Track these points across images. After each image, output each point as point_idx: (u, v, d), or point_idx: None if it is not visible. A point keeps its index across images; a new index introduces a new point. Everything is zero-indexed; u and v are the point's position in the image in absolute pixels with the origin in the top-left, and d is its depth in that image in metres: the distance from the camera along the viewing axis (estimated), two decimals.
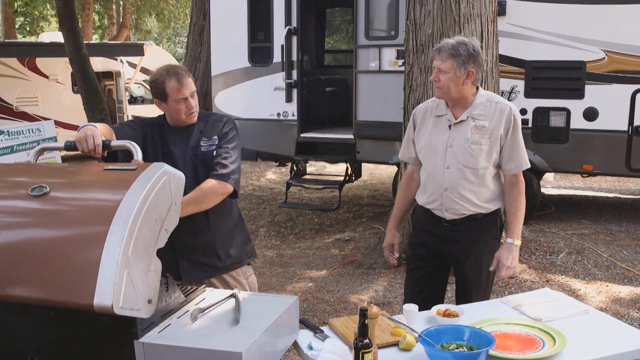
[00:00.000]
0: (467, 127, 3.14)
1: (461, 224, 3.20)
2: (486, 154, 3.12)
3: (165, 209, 2.11)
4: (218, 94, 8.76)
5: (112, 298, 1.80)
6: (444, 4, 5.50)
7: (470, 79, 3.10)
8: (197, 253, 3.06)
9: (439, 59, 3.07)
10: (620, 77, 6.89)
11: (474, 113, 3.14)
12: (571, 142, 7.16)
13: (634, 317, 4.78)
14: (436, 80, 3.10)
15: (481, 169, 3.13)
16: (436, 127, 3.22)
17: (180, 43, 36.25)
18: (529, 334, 2.53)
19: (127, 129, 3.00)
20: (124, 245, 1.87)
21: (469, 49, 3.05)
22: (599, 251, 6.25)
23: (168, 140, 3.05)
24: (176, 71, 2.95)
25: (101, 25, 26.15)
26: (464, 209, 3.17)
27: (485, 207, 3.20)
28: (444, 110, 3.21)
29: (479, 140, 3.11)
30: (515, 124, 3.13)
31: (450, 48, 3.04)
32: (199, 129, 3.08)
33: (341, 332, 2.59)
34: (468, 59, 3.04)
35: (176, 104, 2.95)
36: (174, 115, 3.01)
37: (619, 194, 9.82)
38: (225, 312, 2.24)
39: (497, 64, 5.91)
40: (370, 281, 5.76)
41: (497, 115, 3.13)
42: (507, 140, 3.13)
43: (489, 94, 3.25)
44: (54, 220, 2.03)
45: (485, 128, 3.12)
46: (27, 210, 2.05)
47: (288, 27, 8.02)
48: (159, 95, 2.97)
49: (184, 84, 2.94)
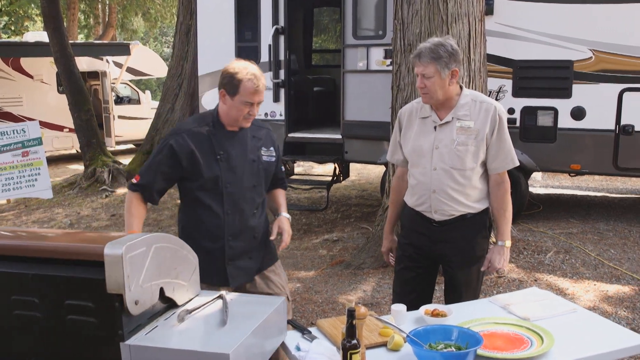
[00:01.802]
0: (452, 128, 3.12)
1: (451, 224, 3.19)
2: (473, 155, 3.11)
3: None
4: (205, 93, 8.72)
5: (123, 249, 1.88)
6: (431, 3, 5.49)
7: (455, 78, 3.08)
8: (244, 258, 3.10)
9: (420, 65, 3.04)
10: (608, 77, 6.92)
11: (458, 114, 3.12)
12: (559, 141, 7.18)
13: (622, 316, 4.79)
14: (422, 87, 3.07)
15: (468, 169, 3.12)
16: (422, 129, 3.20)
17: (167, 42, 36.13)
18: (517, 334, 2.52)
19: (159, 185, 3.02)
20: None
21: (447, 48, 3.02)
22: (586, 250, 6.26)
23: (223, 143, 3.01)
24: (257, 75, 2.95)
25: (87, 24, 26.02)
26: (452, 209, 3.16)
27: (474, 207, 3.19)
28: (428, 112, 3.19)
29: (465, 141, 3.09)
30: (501, 123, 3.12)
31: (429, 52, 3.00)
32: (252, 134, 3.11)
33: (329, 333, 2.57)
34: (450, 59, 3.02)
35: (242, 104, 2.93)
36: (233, 113, 2.97)
37: (606, 193, 9.86)
38: (212, 314, 2.22)
39: (485, 64, 5.90)
40: (358, 281, 5.74)
41: (482, 115, 3.11)
42: (493, 139, 3.11)
43: (473, 93, 3.23)
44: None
45: (471, 128, 3.10)
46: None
47: (275, 27, 7.99)
48: (230, 89, 2.93)
49: (258, 90, 2.95)
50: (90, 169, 11.05)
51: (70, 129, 13.35)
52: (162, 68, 16.68)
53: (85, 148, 11.45)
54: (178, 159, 2.94)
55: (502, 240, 3.20)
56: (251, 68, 2.96)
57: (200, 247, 2.98)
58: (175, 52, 11.54)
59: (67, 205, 9.74)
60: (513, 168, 3.21)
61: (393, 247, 3.48)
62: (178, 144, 2.94)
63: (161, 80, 21.16)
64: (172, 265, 2.17)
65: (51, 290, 2.00)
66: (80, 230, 8.23)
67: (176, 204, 9.38)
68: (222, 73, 2.98)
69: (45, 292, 2.01)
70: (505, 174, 3.20)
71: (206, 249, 2.98)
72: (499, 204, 3.20)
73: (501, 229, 3.20)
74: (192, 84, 10.81)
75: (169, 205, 9.32)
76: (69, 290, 1.98)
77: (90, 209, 9.41)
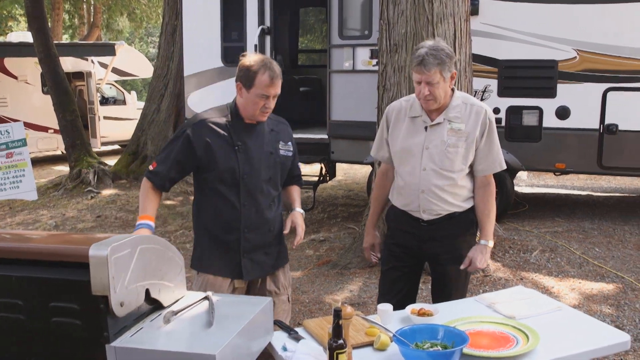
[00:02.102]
0: (443, 129, 3.12)
1: (439, 222, 3.20)
2: (462, 157, 3.12)
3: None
4: (191, 94, 8.69)
5: (108, 251, 1.87)
6: (417, 3, 5.50)
7: (453, 80, 3.10)
8: (259, 252, 3.11)
9: (426, 73, 2.99)
10: (592, 76, 6.97)
11: (450, 115, 3.12)
12: (544, 140, 7.22)
13: (606, 314, 4.82)
14: (427, 94, 3.03)
15: (457, 171, 3.13)
16: (412, 129, 3.20)
17: (153, 43, 35.97)
18: (503, 332, 2.54)
19: (173, 174, 3.03)
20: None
21: (447, 52, 3.02)
22: (571, 249, 6.30)
23: (241, 135, 3.02)
24: (272, 68, 2.92)
25: (71, 24, 25.83)
26: (441, 209, 3.17)
27: (461, 206, 3.21)
28: (419, 112, 3.18)
29: (455, 143, 3.10)
30: (491, 127, 3.14)
31: (433, 58, 2.97)
32: (270, 127, 3.13)
33: (315, 333, 2.57)
34: (450, 62, 3.03)
35: (257, 97, 2.93)
36: (249, 106, 2.98)
37: (591, 191, 9.93)
38: (198, 315, 2.22)
39: (470, 63, 5.93)
40: (345, 281, 5.75)
41: (473, 118, 3.12)
42: (482, 142, 3.13)
43: (464, 95, 3.24)
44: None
45: (462, 131, 3.11)
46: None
47: (261, 27, 7.98)
48: (245, 82, 2.94)
49: (274, 83, 2.93)
50: (75, 170, 10.97)
51: (55, 130, 13.25)
52: (148, 68, 16.60)
53: (70, 149, 11.36)
54: (193, 148, 2.94)
55: (486, 240, 3.20)
56: (267, 61, 2.94)
57: (216, 239, 3.04)
58: (160, 52, 11.49)
59: (52, 207, 9.68)
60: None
61: (375, 244, 3.49)
62: (194, 133, 2.96)
63: (147, 80, 21.07)
64: (158, 266, 2.16)
65: (36, 293, 1.99)
66: (65, 232, 8.17)
67: (163, 204, 9.35)
68: (238, 66, 2.97)
69: (30, 295, 2.00)
70: (492, 176, 3.22)
71: (222, 241, 3.04)
72: (484, 205, 3.21)
73: (485, 229, 3.22)
74: (177, 84, 10.76)
75: None
76: (53, 292, 1.97)
77: (75, 210, 9.35)
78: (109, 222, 8.65)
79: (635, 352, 4.15)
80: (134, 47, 26.15)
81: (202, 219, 3.10)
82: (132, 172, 11.16)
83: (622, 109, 6.95)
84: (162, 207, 9.27)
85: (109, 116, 15.96)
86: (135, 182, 10.84)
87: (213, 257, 3.06)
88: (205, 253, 3.09)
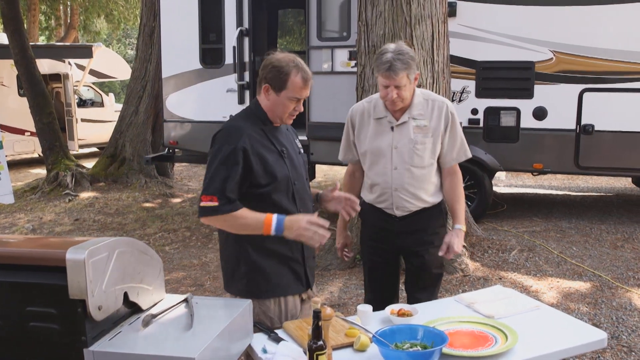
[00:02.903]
0: (409, 127, 3.21)
1: (412, 217, 3.28)
2: (430, 152, 3.22)
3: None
4: (169, 96, 8.65)
5: (85, 254, 1.85)
6: (395, 5, 5.52)
7: (416, 81, 3.19)
8: (311, 258, 2.93)
9: (394, 78, 3.05)
10: (568, 77, 7.04)
11: (414, 113, 3.21)
12: (521, 141, 7.28)
13: (584, 312, 4.87)
14: (395, 98, 3.09)
15: (427, 166, 3.23)
16: (378, 130, 3.27)
17: (131, 44, 35.75)
18: (482, 331, 2.55)
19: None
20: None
21: (410, 54, 3.11)
22: (549, 248, 6.36)
23: (279, 139, 2.80)
24: (304, 69, 2.70)
25: (48, 26, 25.54)
26: (413, 205, 3.26)
27: (431, 201, 3.30)
28: (383, 112, 3.26)
29: (422, 140, 3.20)
30: (453, 119, 3.26)
31: (400, 62, 3.03)
32: (285, 127, 2.93)
33: (295, 335, 2.57)
34: (414, 64, 3.12)
35: (288, 100, 2.70)
36: (278, 109, 2.73)
37: (568, 191, 10.04)
38: (178, 317, 2.20)
39: (449, 65, 5.96)
40: (325, 282, 5.75)
41: (436, 113, 3.23)
42: (447, 135, 3.25)
43: (423, 91, 3.33)
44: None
45: (427, 127, 3.21)
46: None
47: (240, 29, 7.97)
48: (275, 84, 2.68)
49: (308, 85, 2.71)
50: (52, 173, 10.86)
51: (32, 133, 13.13)
52: (126, 70, 16.48)
53: (47, 152, 11.25)
54: (250, 162, 2.63)
55: (460, 224, 3.30)
56: (298, 61, 2.71)
57: (283, 257, 2.77)
58: (138, 54, 11.41)
59: (29, 210, 9.57)
60: (477, 168, 3.29)
61: (348, 243, 3.54)
62: (248, 145, 2.65)
63: (125, 82, 20.92)
64: (136, 269, 2.15)
65: (12, 297, 1.97)
66: (42, 235, 8.09)
67: (142, 207, 9.29)
68: (265, 66, 2.72)
69: (6, 299, 1.98)
70: (457, 165, 3.35)
71: (288, 257, 2.79)
72: (454, 192, 3.33)
73: (457, 213, 3.33)
74: (156, 86, 10.69)
75: (133, 209, 9.22)
76: (30, 296, 1.95)
77: (53, 213, 9.25)
78: (87, 225, 8.57)
79: (612, 350, 4.20)
80: (111, 49, 25.97)
81: (255, 239, 2.70)
82: (111, 175, 11.09)
83: (598, 109, 7.04)
84: (141, 210, 9.21)
85: (87, 118, 15.81)
86: (114, 185, 10.77)
87: (282, 276, 2.79)
88: (272, 277, 2.76)
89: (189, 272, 6.39)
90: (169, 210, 9.20)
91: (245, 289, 2.75)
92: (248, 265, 2.75)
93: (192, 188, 11.22)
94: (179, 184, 11.54)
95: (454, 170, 3.34)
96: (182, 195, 10.36)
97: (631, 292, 5.26)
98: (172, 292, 2.70)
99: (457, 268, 5.73)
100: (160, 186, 10.78)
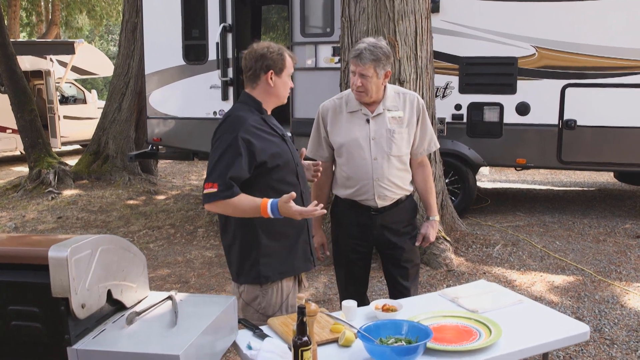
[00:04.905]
0: (385, 118, 3.29)
1: (388, 210, 3.34)
2: (406, 141, 3.32)
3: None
4: (152, 92, 8.60)
5: (68, 252, 1.84)
6: (378, 1, 5.53)
7: (387, 78, 3.26)
8: (310, 237, 3.06)
9: (360, 65, 3.16)
10: (550, 73, 7.09)
11: (387, 104, 3.30)
12: (505, 136, 7.32)
13: (567, 305, 4.91)
14: (359, 85, 3.19)
15: (404, 155, 3.32)
16: (353, 123, 3.32)
17: (113, 41, 35.48)
18: (466, 326, 2.57)
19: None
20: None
21: (384, 50, 3.18)
22: (533, 242, 6.41)
23: (277, 125, 2.95)
24: (284, 47, 2.95)
25: (29, 22, 25.33)
26: (393, 194, 3.32)
27: (407, 190, 3.40)
28: (356, 106, 3.31)
29: (399, 129, 3.29)
30: (423, 111, 3.37)
31: (369, 54, 3.14)
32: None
33: (280, 331, 2.57)
34: (386, 61, 3.19)
35: (288, 79, 2.91)
36: (283, 90, 2.91)
37: (551, 186, 10.11)
38: (162, 315, 2.20)
39: (432, 60, 5.98)
40: (310, 278, 5.75)
41: (408, 105, 3.33)
42: (419, 127, 3.35)
43: (394, 87, 3.41)
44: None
45: (402, 117, 3.30)
46: None
47: (223, 25, 7.94)
48: (276, 67, 2.85)
49: (295, 62, 2.98)
50: (35, 170, 10.77)
51: (14, 130, 12.99)
52: (108, 67, 16.36)
53: (29, 149, 11.15)
54: (253, 148, 2.72)
55: (433, 215, 3.48)
56: (275, 44, 2.97)
57: (288, 237, 2.89)
58: (121, 50, 11.33)
59: (11, 209, 9.48)
60: (460, 164, 3.34)
61: (324, 242, 3.54)
62: (250, 133, 2.74)
63: (107, 79, 20.80)
64: (120, 267, 2.14)
65: None
66: (25, 233, 8.02)
67: (126, 204, 9.24)
68: (257, 58, 2.86)
69: None
70: (427, 158, 3.49)
71: (293, 236, 2.90)
72: (426, 183, 3.46)
73: (431, 205, 3.48)
74: (139, 82, 10.63)
75: (117, 207, 9.17)
76: (12, 295, 1.94)
77: (35, 211, 9.18)
78: (70, 222, 8.51)
79: (595, 343, 4.24)
80: (93, 45, 25.79)
81: (265, 223, 2.78)
82: (94, 172, 11.02)
83: (581, 104, 7.09)
84: (125, 207, 9.16)
85: (69, 115, 15.69)
86: (97, 182, 10.70)
87: (293, 258, 2.90)
88: (285, 257, 2.87)
89: (173, 269, 6.37)
90: (152, 207, 9.15)
91: (260, 274, 2.83)
92: (259, 250, 2.82)
93: (176, 185, 11.18)
94: (162, 181, 11.48)
95: (424, 162, 3.46)
96: (166, 192, 10.31)
97: (613, 285, 5.32)
98: (157, 289, 2.69)
99: (441, 263, 5.76)
100: (144, 183, 10.72)
